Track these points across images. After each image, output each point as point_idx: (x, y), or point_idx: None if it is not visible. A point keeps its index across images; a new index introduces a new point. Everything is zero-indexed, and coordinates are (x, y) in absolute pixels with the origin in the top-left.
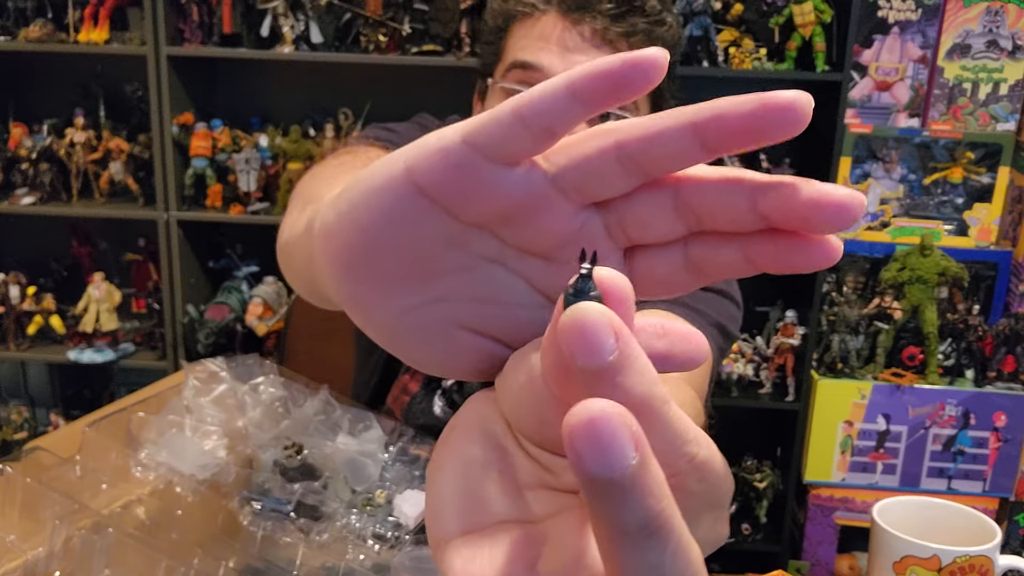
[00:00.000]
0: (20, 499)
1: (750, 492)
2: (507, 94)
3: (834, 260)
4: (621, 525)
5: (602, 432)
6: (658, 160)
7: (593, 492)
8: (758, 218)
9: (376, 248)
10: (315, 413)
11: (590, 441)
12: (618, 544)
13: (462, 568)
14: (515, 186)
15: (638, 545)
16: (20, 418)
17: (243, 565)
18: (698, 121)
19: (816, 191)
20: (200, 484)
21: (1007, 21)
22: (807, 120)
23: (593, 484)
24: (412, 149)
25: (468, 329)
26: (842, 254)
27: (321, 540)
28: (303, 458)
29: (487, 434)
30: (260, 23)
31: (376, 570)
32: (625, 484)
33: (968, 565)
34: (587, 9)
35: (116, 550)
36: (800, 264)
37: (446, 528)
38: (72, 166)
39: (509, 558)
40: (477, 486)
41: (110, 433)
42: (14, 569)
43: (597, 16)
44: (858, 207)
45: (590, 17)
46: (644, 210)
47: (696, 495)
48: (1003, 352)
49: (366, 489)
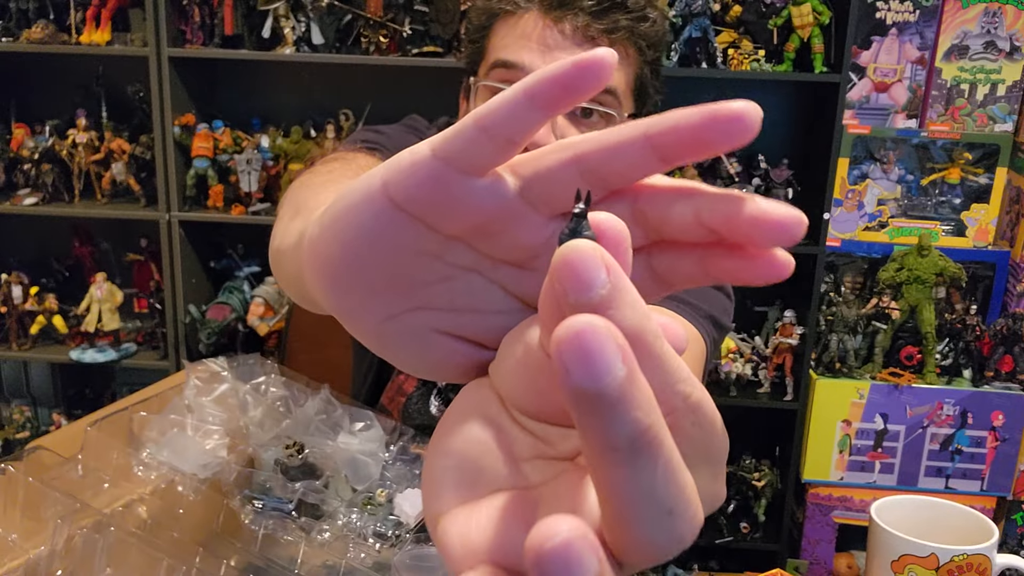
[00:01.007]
0: (22, 498)
1: (749, 491)
2: (491, 92)
3: (782, 276)
4: (609, 441)
5: (589, 344)
6: (617, 171)
7: (581, 407)
8: (706, 231)
9: (358, 261)
10: (316, 412)
11: (577, 353)
12: (608, 462)
13: (457, 532)
14: (486, 198)
15: (627, 463)
16: (22, 417)
17: (244, 564)
18: (651, 134)
19: (757, 208)
20: (201, 483)
21: (1005, 22)
22: (756, 130)
23: (580, 398)
24: (389, 165)
25: (449, 334)
26: (792, 270)
27: (322, 539)
28: (304, 457)
29: (482, 414)
30: (261, 24)
31: (377, 568)
32: (613, 396)
33: (966, 564)
34: (568, 6)
35: (118, 549)
36: (749, 278)
37: (442, 502)
38: (74, 167)
39: (504, 517)
40: (473, 461)
41: (112, 432)
42: (16, 568)
43: (579, 13)
44: (796, 226)
45: (571, 14)
46: None
47: (692, 439)
48: (1001, 352)
49: (367, 488)
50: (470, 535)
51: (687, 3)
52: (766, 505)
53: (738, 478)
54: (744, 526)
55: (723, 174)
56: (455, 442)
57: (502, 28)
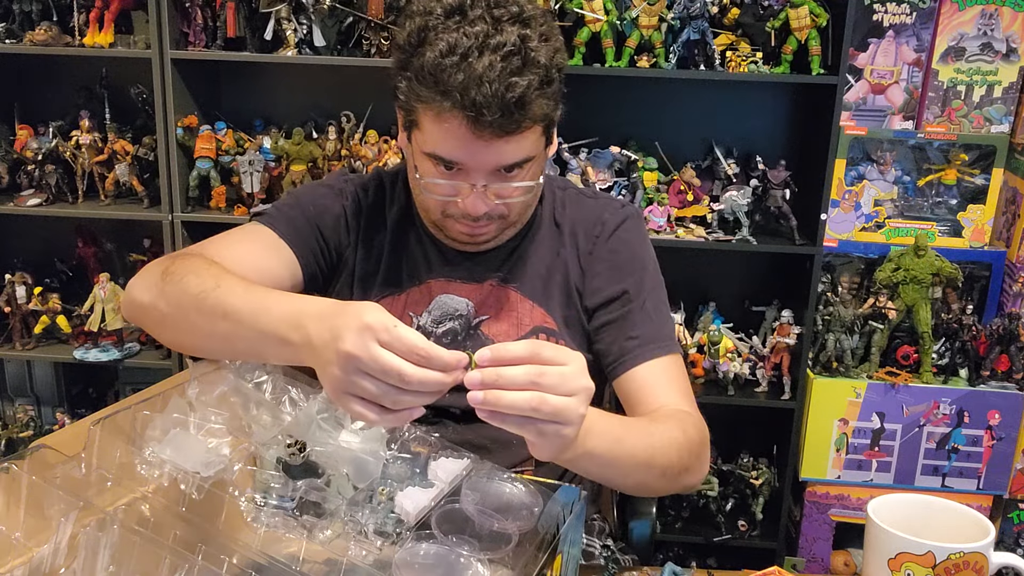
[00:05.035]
0: (26, 497)
1: (747, 489)
2: (433, 163)
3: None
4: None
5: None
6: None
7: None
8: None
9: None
10: (317, 411)
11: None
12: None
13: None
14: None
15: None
16: (26, 417)
17: (246, 562)
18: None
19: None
20: (204, 482)
21: (1001, 24)
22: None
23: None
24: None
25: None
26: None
27: (323, 537)
28: (306, 456)
29: None
30: (263, 27)
31: (378, 566)
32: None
33: (962, 562)
34: (481, 115)
35: (121, 547)
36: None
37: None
38: (78, 168)
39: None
40: None
41: (115, 431)
42: (20, 566)
43: (492, 122)
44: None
45: (486, 119)
46: None
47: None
48: (997, 351)
49: (368, 486)
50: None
51: (685, 6)
52: (764, 503)
53: (736, 476)
54: (742, 524)
55: (721, 175)
56: None
57: (428, 113)
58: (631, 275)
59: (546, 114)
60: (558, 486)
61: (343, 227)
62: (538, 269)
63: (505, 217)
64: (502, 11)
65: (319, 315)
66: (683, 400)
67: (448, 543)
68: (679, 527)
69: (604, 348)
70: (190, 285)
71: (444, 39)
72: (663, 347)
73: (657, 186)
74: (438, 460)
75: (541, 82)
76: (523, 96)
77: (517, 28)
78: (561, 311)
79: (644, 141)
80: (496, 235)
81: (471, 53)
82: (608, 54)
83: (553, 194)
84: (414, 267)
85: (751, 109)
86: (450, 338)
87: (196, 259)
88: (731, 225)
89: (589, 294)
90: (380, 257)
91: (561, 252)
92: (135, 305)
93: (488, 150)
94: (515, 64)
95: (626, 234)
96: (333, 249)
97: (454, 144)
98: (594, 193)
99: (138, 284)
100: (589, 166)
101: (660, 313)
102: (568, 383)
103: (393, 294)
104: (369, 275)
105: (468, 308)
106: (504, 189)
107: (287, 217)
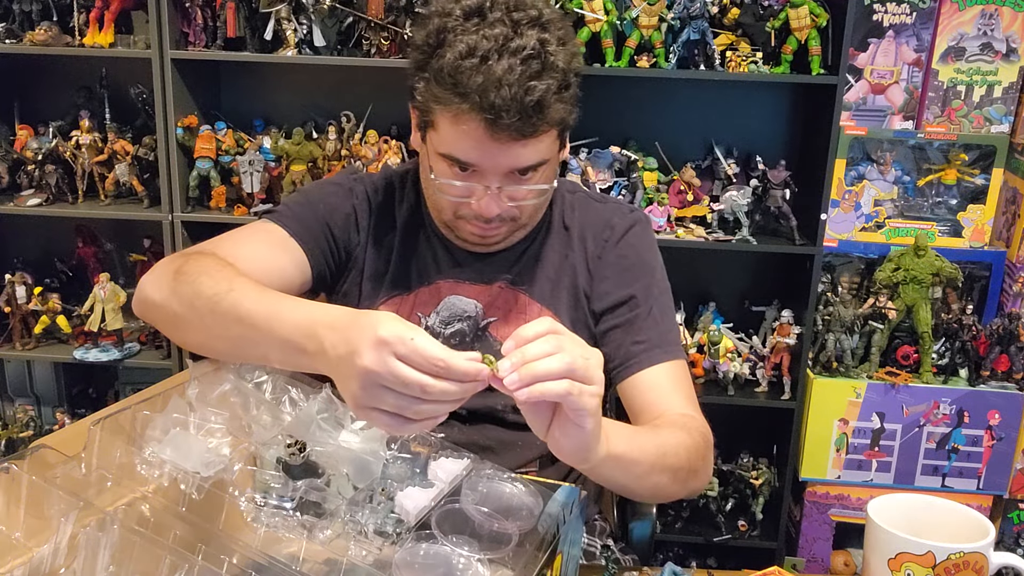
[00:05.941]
0: (26, 497)
1: (747, 489)
2: (448, 164)
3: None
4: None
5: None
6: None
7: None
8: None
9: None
10: (317, 411)
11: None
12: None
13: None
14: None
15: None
16: (26, 416)
17: (246, 562)
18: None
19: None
20: (204, 482)
21: (1001, 24)
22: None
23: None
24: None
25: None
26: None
27: (323, 537)
28: (306, 456)
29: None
30: (263, 27)
31: (378, 566)
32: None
33: (962, 562)
34: (499, 116)
35: (121, 547)
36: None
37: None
38: (78, 168)
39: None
40: None
41: (115, 431)
42: (20, 566)
43: (511, 124)
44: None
45: (504, 120)
46: None
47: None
48: (997, 351)
49: (368, 486)
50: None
51: (685, 6)
52: (764, 503)
53: (736, 476)
54: (742, 524)
55: (721, 175)
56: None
57: (445, 115)
58: (639, 280)
59: (563, 118)
60: (558, 486)
61: (353, 226)
62: (547, 272)
63: (516, 219)
64: (521, 14)
65: (332, 325)
66: (688, 405)
67: (448, 543)
68: (679, 527)
69: (610, 352)
70: (203, 286)
71: (463, 41)
72: (669, 352)
73: (657, 186)
74: (438, 460)
75: (559, 86)
76: (541, 100)
77: (536, 32)
78: (569, 314)
79: (644, 141)
80: (506, 237)
81: (490, 56)
82: (608, 54)
83: (562, 197)
84: (423, 267)
85: (751, 109)
86: (458, 339)
87: (209, 259)
88: (731, 225)
89: (597, 298)
90: (389, 257)
91: (570, 255)
92: (147, 303)
93: (504, 153)
94: (534, 68)
95: (635, 239)
96: (343, 248)
97: (470, 146)
98: (603, 197)
99: (150, 282)
100: (589, 166)
101: (666, 318)
102: (589, 371)
103: (402, 294)
104: (378, 274)
105: (477, 309)
106: (518, 192)
107: (297, 215)
